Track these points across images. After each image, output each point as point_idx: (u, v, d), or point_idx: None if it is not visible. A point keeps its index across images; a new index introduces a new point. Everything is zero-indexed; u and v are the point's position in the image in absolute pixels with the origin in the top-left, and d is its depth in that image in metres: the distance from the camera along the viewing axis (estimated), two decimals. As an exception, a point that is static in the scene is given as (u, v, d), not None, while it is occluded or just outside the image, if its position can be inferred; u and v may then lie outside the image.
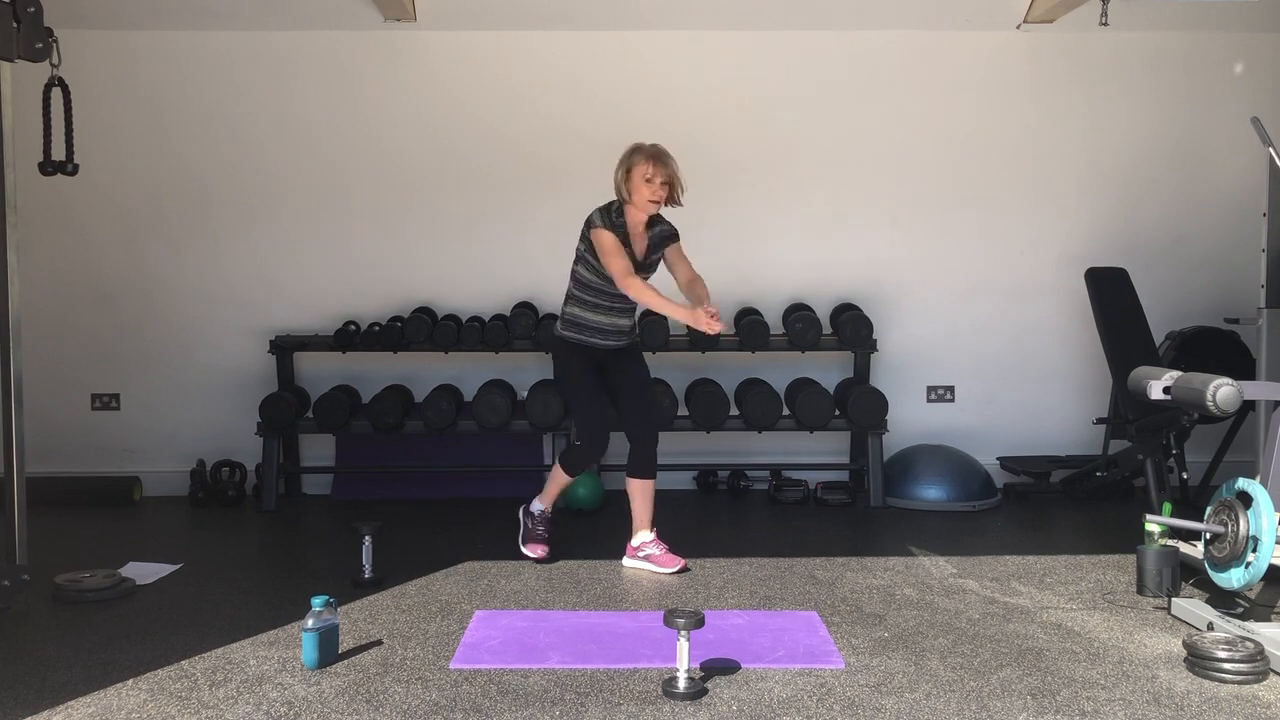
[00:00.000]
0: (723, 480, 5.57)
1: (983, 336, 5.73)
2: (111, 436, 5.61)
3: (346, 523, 4.20)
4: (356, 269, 5.64)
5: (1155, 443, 4.72)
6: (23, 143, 3.54)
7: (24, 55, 3.50)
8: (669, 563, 4.03)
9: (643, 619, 3.47)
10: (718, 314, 3.89)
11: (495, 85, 5.61)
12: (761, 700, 2.82)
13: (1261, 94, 5.59)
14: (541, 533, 4.19)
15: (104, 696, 2.87)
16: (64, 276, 5.56)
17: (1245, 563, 3.26)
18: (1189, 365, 4.22)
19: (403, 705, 2.80)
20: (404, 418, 5.23)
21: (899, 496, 5.21)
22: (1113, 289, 5.07)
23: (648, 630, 3.32)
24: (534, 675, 2.99)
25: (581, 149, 5.62)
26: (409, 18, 5.40)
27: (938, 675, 3.00)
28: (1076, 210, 5.71)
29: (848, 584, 3.89)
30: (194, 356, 5.63)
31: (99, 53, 5.44)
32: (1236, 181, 5.57)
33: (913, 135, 5.67)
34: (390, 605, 3.64)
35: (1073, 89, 5.67)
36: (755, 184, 5.67)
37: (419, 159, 5.63)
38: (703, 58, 5.64)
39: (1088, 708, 2.77)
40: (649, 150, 4.01)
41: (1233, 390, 3.28)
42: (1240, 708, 2.77)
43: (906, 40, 5.63)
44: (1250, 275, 4.65)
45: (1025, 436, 5.69)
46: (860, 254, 5.70)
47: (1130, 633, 3.35)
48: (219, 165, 5.60)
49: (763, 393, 5.26)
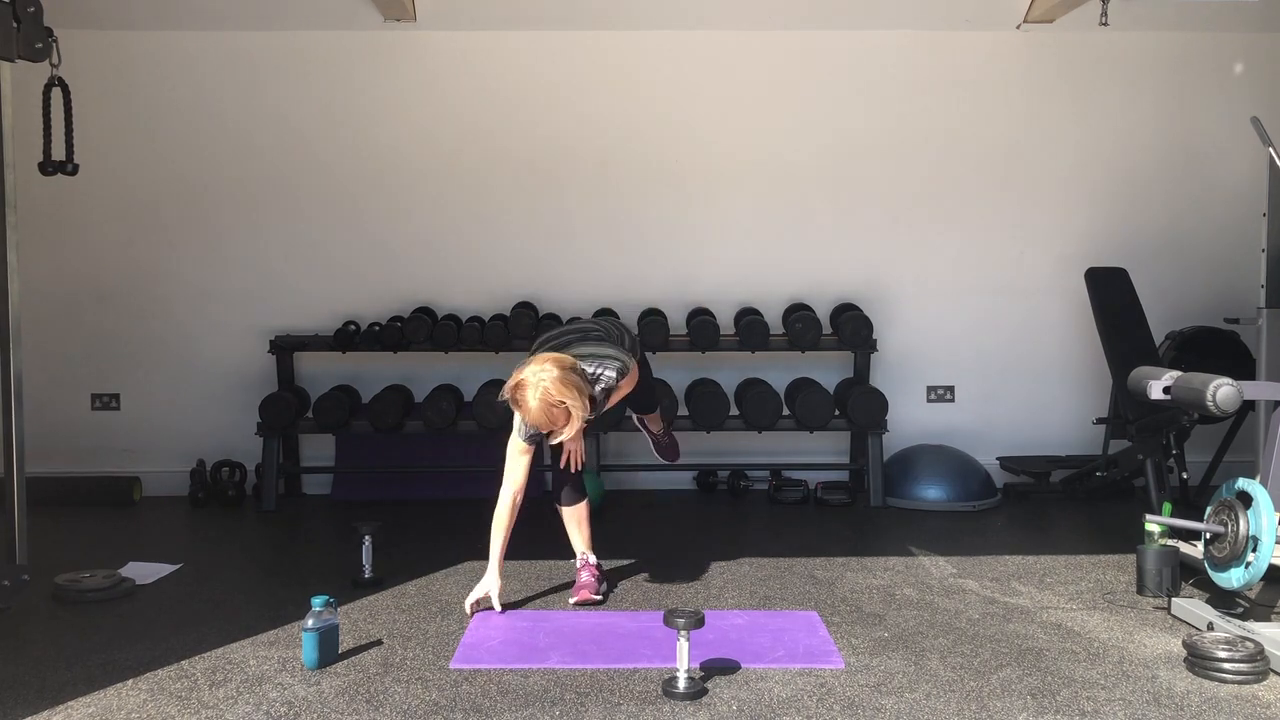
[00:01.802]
0: (723, 480, 5.57)
1: (983, 336, 5.73)
2: (111, 436, 5.61)
3: (346, 523, 4.20)
4: (356, 269, 5.64)
5: (1155, 443, 4.72)
6: (23, 143, 3.54)
7: (24, 55, 3.50)
8: (578, 593, 3.71)
9: (643, 619, 3.47)
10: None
11: (496, 85, 5.60)
12: (761, 700, 2.82)
13: (1261, 94, 5.59)
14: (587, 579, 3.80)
15: (104, 696, 2.87)
16: (64, 276, 5.56)
17: (1245, 563, 3.26)
18: (1189, 365, 4.21)
19: (403, 705, 2.80)
20: (404, 418, 5.22)
21: (899, 496, 5.21)
22: (1113, 289, 5.07)
23: (648, 630, 3.32)
24: (534, 675, 2.99)
25: (582, 149, 5.63)
26: (409, 18, 5.40)
27: (938, 675, 3.00)
28: (1076, 210, 5.71)
29: (848, 584, 3.89)
30: (194, 356, 5.63)
31: (99, 53, 5.44)
32: (1236, 181, 5.57)
33: (913, 135, 5.66)
34: (390, 605, 3.64)
35: (1072, 89, 5.67)
36: (755, 183, 5.67)
37: (419, 159, 5.63)
38: (703, 57, 5.64)
39: (1088, 708, 2.77)
40: (529, 413, 3.42)
41: (1233, 390, 3.29)
42: (1240, 708, 2.77)
43: (906, 40, 5.63)
44: (1250, 275, 4.64)
45: (1025, 436, 5.69)
46: (860, 254, 5.70)
47: (1130, 633, 3.35)
48: (219, 165, 5.59)
49: (763, 393, 5.26)
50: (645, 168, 5.65)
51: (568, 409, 3.39)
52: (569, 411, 3.40)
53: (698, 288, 5.68)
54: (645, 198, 5.65)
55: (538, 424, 3.46)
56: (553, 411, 3.39)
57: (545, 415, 3.40)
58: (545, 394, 3.36)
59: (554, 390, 3.35)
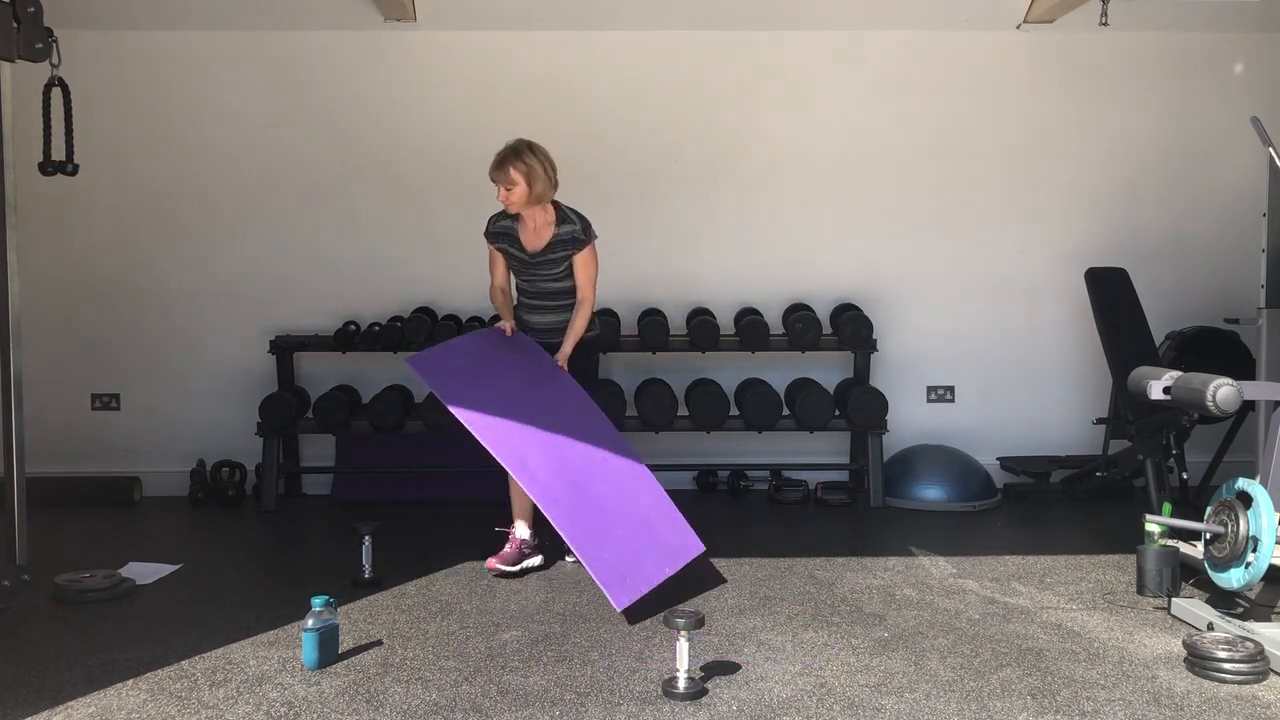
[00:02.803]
0: (723, 480, 5.57)
1: (983, 336, 5.73)
2: (111, 436, 5.61)
3: (346, 523, 4.20)
4: (356, 269, 5.64)
5: (1155, 443, 4.72)
6: (23, 143, 3.53)
7: (24, 55, 3.50)
8: (491, 560, 4.02)
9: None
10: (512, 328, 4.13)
11: (495, 85, 5.60)
12: (761, 700, 2.82)
13: (1261, 94, 5.59)
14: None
15: (104, 696, 2.88)
16: (64, 276, 5.56)
17: (1245, 563, 3.26)
18: (1189, 365, 4.22)
19: (403, 705, 2.80)
20: (404, 418, 5.23)
21: (899, 496, 5.21)
22: (1113, 289, 5.07)
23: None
24: (534, 675, 2.99)
25: (582, 148, 5.60)
26: (409, 18, 5.40)
27: (938, 675, 3.00)
28: (1076, 210, 5.71)
29: (848, 584, 3.89)
30: (194, 356, 5.63)
31: (99, 53, 5.44)
32: (1236, 181, 5.57)
33: (913, 135, 5.67)
34: (390, 605, 3.65)
35: (1072, 89, 5.67)
36: (755, 183, 5.67)
37: (419, 159, 5.63)
38: (702, 57, 5.64)
39: (1088, 708, 2.77)
40: (496, 156, 3.98)
41: (1233, 390, 3.29)
42: (1240, 708, 2.77)
43: (906, 40, 5.63)
44: (1250, 275, 4.64)
45: (1025, 436, 5.69)
46: (860, 254, 5.70)
47: (1130, 633, 3.35)
48: (219, 165, 5.59)
49: (763, 393, 5.26)
50: (645, 167, 5.65)
51: (526, 169, 3.91)
52: (526, 173, 3.90)
53: (698, 288, 5.68)
54: (645, 197, 5.65)
55: (495, 169, 3.93)
56: (514, 162, 3.91)
57: (507, 162, 3.92)
58: (519, 143, 3.96)
59: (526, 147, 3.94)
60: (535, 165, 3.94)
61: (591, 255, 4.09)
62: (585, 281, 4.10)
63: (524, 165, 3.92)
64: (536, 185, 3.95)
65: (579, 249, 4.06)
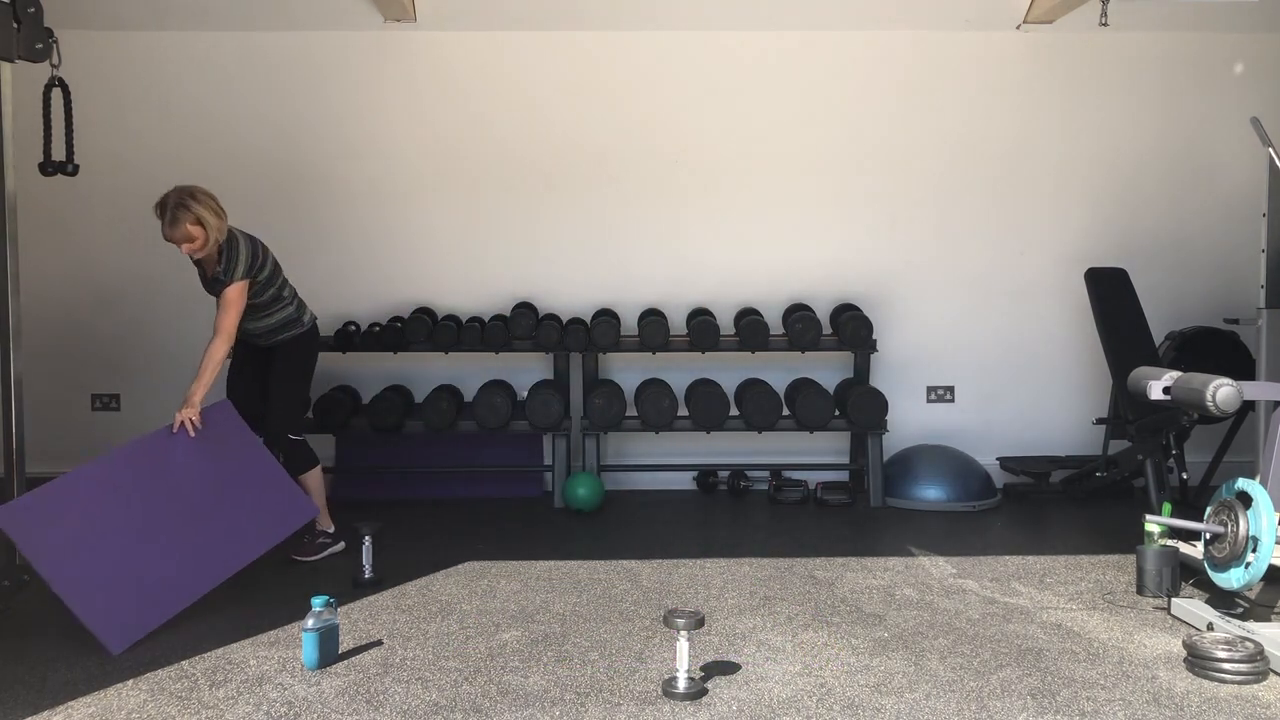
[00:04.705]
0: (723, 480, 5.57)
1: (983, 336, 5.73)
2: (112, 436, 5.58)
3: (346, 523, 4.21)
4: (356, 269, 5.64)
5: (1155, 443, 4.72)
6: (23, 143, 3.54)
7: (24, 55, 3.50)
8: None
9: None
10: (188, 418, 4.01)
11: (495, 86, 5.60)
12: (761, 700, 2.82)
13: (1261, 94, 5.59)
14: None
15: (104, 696, 2.88)
16: (64, 277, 5.56)
17: (1245, 563, 3.26)
18: (1189, 365, 4.21)
19: (403, 705, 2.80)
20: (404, 418, 5.22)
21: (899, 496, 5.21)
22: (1113, 289, 5.07)
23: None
24: (534, 675, 2.99)
25: (582, 149, 5.63)
26: (409, 18, 5.40)
27: (938, 675, 3.00)
28: (1076, 210, 5.71)
29: (848, 584, 3.89)
30: (194, 357, 5.56)
31: (99, 53, 5.44)
32: (1236, 182, 5.57)
33: (913, 135, 5.67)
34: (390, 605, 3.65)
35: (1072, 89, 5.67)
36: (755, 183, 5.67)
37: (419, 159, 5.63)
38: (702, 58, 5.64)
39: (1088, 708, 2.77)
40: (163, 220, 3.89)
41: (1232, 390, 3.29)
42: (1240, 708, 2.77)
43: (906, 40, 5.63)
44: (1250, 275, 4.65)
45: (1025, 436, 5.69)
46: (860, 254, 5.70)
47: (1130, 633, 3.35)
48: (218, 165, 5.57)
49: (763, 393, 5.26)
50: (645, 167, 5.65)
51: (197, 218, 3.83)
52: (198, 220, 3.83)
53: (698, 288, 5.68)
54: (645, 197, 5.65)
55: (169, 229, 3.83)
56: (185, 217, 3.82)
57: (179, 222, 3.82)
58: (178, 198, 3.84)
59: (188, 197, 3.84)
60: (203, 210, 3.86)
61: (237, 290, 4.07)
62: (220, 314, 4.16)
63: (193, 215, 3.85)
64: (211, 230, 3.90)
65: (222, 288, 4.07)
